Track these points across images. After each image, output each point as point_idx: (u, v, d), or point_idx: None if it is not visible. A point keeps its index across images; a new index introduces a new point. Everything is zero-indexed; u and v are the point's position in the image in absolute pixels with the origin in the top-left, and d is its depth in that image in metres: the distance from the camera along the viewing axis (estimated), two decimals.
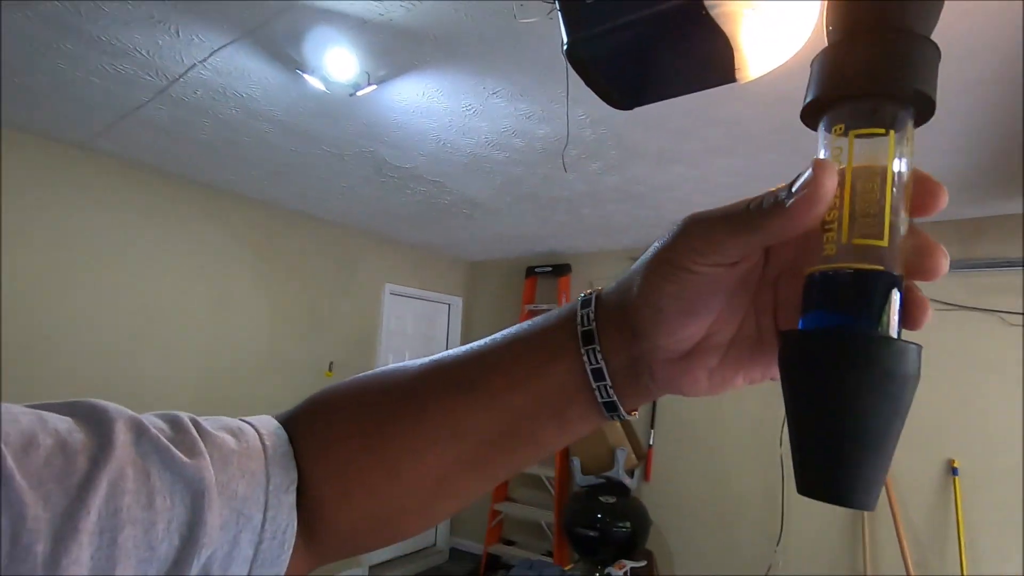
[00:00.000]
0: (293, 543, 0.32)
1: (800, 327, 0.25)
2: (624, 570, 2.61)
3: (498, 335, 0.35)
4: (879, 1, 0.23)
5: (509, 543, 4.09)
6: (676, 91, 0.94)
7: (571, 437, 0.33)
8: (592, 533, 3.14)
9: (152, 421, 0.29)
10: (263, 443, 0.33)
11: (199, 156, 2.55)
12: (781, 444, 3.19)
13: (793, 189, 0.24)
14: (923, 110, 0.24)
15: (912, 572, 2.69)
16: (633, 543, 3.16)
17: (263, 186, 2.94)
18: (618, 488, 3.35)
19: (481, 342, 0.35)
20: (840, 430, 0.22)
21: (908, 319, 0.23)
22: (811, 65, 0.25)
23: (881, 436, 0.22)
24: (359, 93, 1.81)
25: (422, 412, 0.33)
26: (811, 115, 0.26)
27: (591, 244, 3.89)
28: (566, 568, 3.30)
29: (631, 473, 3.46)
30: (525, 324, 0.34)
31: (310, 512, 0.33)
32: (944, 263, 0.24)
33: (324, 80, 1.74)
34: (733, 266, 0.27)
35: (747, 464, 3.31)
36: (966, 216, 2.84)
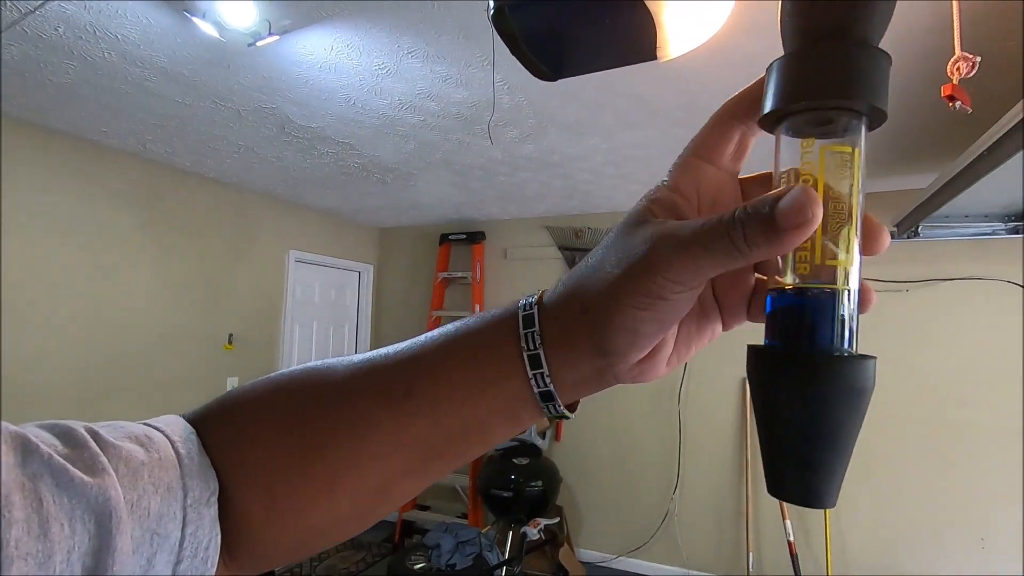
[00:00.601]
0: (217, 559, 0.29)
1: (768, 343, 0.26)
2: (539, 527, 2.74)
3: (435, 336, 0.32)
4: (844, 10, 0.24)
5: (424, 508, 4.14)
6: (600, 65, 0.95)
7: (523, 429, 0.33)
8: (506, 494, 3.25)
9: (40, 436, 0.26)
10: (176, 451, 0.30)
11: (62, 102, 2.23)
12: (679, 401, 3.45)
13: (777, 216, 0.22)
14: (876, 124, 0.25)
15: (785, 507, 3.05)
16: (545, 501, 3.32)
17: (145, 141, 2.64)
18: (531, 449, 3.48)
19: (417, 343, 0.32)
20: (811, 441, 0.24)
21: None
22: (768, 69, 0.25)
23: (847, 443, 0.24)
24: (259, 44, 1.65)
25: (358, 424, 0.31)
26: (772, 121, 0.26)
27: (505, 211, 3.90)
28: (482, 530, 3.40)
29: (543, 435, 3.60)
30: (462, 330, 0.32)
31: (233, 525, 0.30)
32: (887, 241, 0.26)
33: (218, 26, 1.57)
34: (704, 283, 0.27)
35: (648, 422, 3.55)
36: None
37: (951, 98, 0.94)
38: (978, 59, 0.88)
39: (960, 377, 2.89)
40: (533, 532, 2.68)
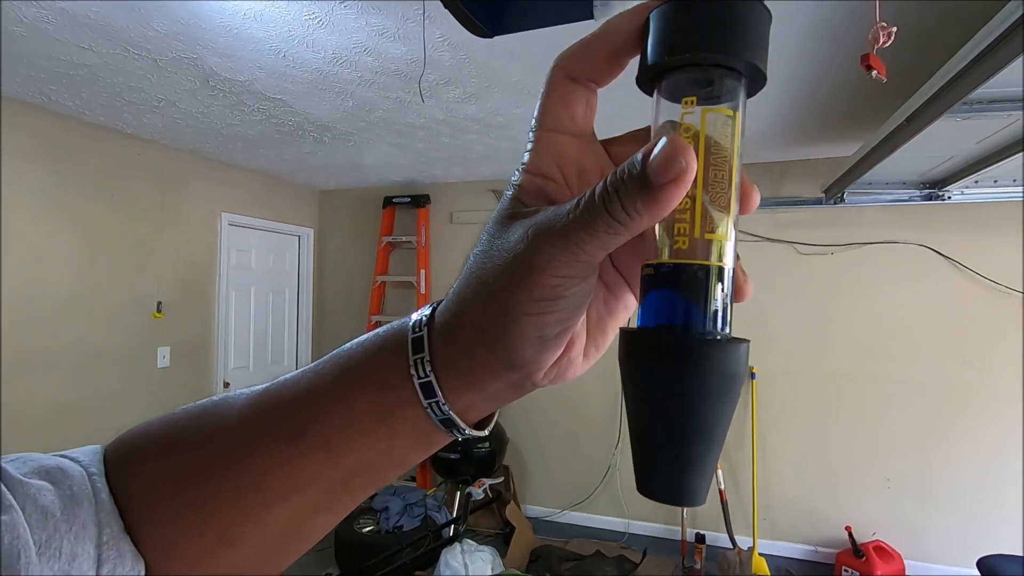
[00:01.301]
0: None
1: (640, 324, 0.24)
2: (483, 487, 2.80)
3: (331, 364, 0.29)
4: None
5: None
6: (536, 23, 0.92)
7: (437, 449, 0.30)
8: (454, 456, 3.30)
9: None
10: (93, 485, 0.28)
11: None
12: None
13: (649, 171, 0.20)
14: (756, 89, 0.23)
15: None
16: (492, 461, 3.39)
17: (50, 91, 2.39)
18: None
19: (315, 373, 0.29)
20: (681, 433, 0.22)
21: (735, 295, 0.24)
22: (648, 17, 0.23)
23: (718, 434, 0.22)
24: None
25: (250, 471, 0.28)
26: (650, 79, 0.24)
27: (450, 174, 3.82)
28: (428, 491, 3.46)
29: None
30: (355, 354, 0.29)
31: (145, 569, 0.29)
32: (757, 200, 0.24)
33: None
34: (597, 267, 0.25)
35: (591, 381, 3.66)
36: (774, 159, 3.26)
37: (868, 67, 0.97)
38: (894, 30, 0.91)
39: (877, 333, 3.11)
40: (478, 492, 2.74)
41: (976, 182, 2.48)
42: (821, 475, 3.19)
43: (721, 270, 0.23)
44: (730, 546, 3.13)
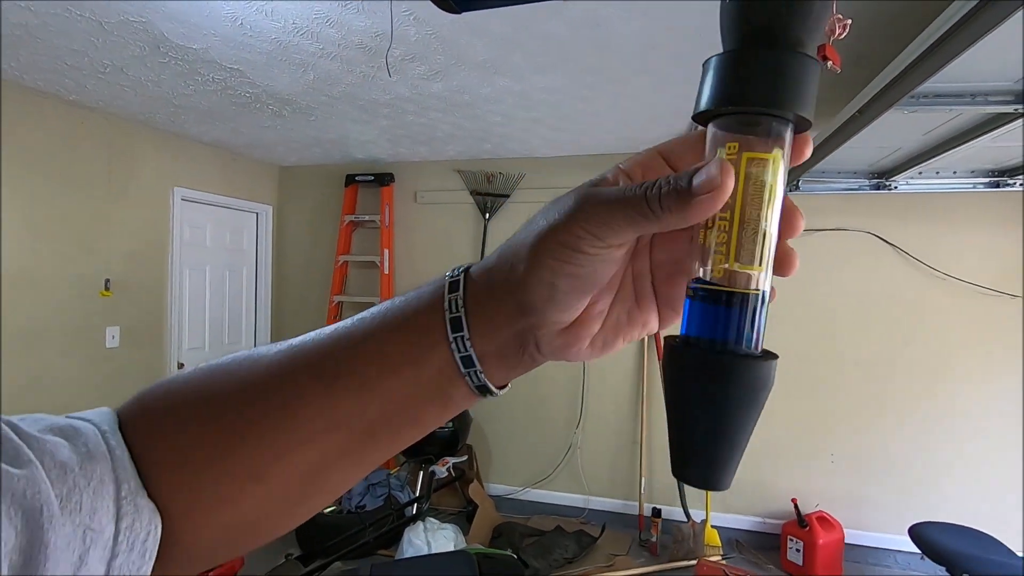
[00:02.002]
0: (156, 551, 0.28)
1: (684, 336, 0.27)
2: (447, 466, 2.83)
3: (363, 316, 0.32)
4: (776, 13, 0.24)
5: None
6: (506, 0, 0.91)
7: (453, 413, 0.33)
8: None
9: None
10: (107, 442, 0.29)
11: None
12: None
13: (694, 183, 0.24)
14: (802, 129, 0.26)
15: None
16: (456, 441, 3.41)
17: None
18: None
19: (344, 324, 0.32)
20: (715, 433, 0.26)
21: (779, 269, 0.27)
22: (704, 64, 0.26)
23: (745, 436, 0.26)
24: None
25: (286, 408, 0.30)
26: (703, 120, 0.27)
27: (415, 153, 3.77)
28: (392, 471, 3.46)
29: None
30: (394, 304, 0.32)
31: (161, 525, 0.29)
32: (802, 225, 0.27)
33: None
34: (623, 245, 0.27)
35: (556, 363, 3.71)
36: None
37: (824, 57, 1.01)
38: (849, 22, 0.95)
39: (825, 315, 3.26)
40: (441, 471, 2.77)
41: (920, 173, 2.60)
42: (770, 451, 3.34)
43: (759, 296, 0.26)
44: (684, 519, 3.27)
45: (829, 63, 1.04)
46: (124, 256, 3.13)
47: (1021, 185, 2.62)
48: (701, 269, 0.27)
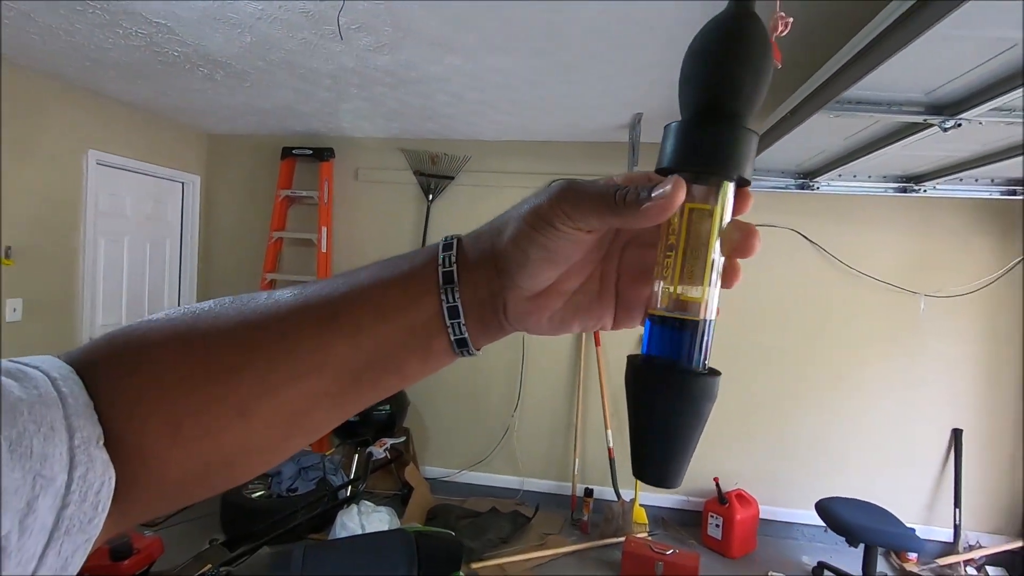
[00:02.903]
0: (109, 504, 0.28)
1: (646, 351, 0.32)
2: (384, 447, 2.80)
3: (360, 269, 0.35)
4: (725, 96, 0.29)
5: None
6: None
7: (432, 369, 0.35)
8: (353, 418, 3.24)
9: None
10: (57, 388, 0.28)
11: None
12: None
13: (653, 193, 0.29)
14: (741, 186, 0.32)
15: (607, 415, 3.48)
16: (392, 423, 3.38)
17: None
18: None
19: (341, 275, 0.34)
20: (669, 438, 0.31)
21: (724, 281, 0.32)
22: (666, 128, 0.31)
23: (693, 440, 0.31)
24: None
25: (282, 344, 0.31)
26: (664, 173, 0.32)
27: (358, 129, 3.65)
28: (326, 453, 3.38)
29: None
30: (388, 261, 0.35)
31: (128, 465, 0.29)
32: (758, 246, 0.31)
33: None
34: (591, 232, 0.32)
35: (494, 346, 3.74)
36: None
37: None
38: (791, 20, 1.00)
39: (749, 307, 3.45)
40: (379, 451, 2.74)
41: (840, 175, 2.80)
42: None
43: (707, 322, 0.31)
44: (615, 498, 3.40)
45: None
46: (29, 222, 2.86)
47: (926, 191, 2.87)
48: (657, 297, 0.32)
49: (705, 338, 0.31)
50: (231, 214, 4.04)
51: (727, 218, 0.31)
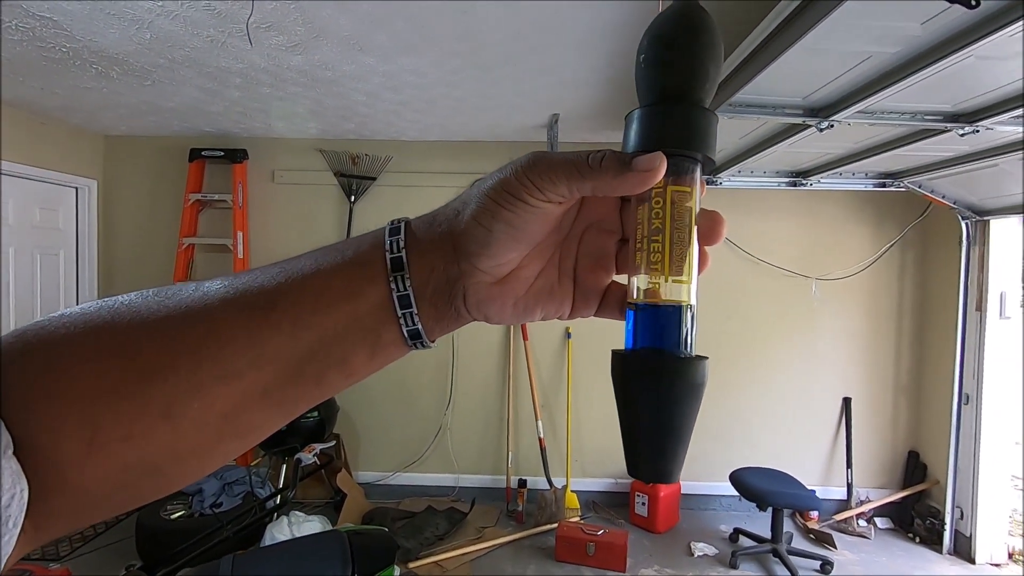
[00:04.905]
0: (22, 518, 0.25)
1: (630, 347, 0.31)
2: (313, 452, 2.74)
3: (298, 257, 0.32)
4: (688, 80, 0.30)
5: None
6: None
7: (381, 363, 0.32)
8: (280, 427, 3.14)
9: None
10: None
11: None
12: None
13: (635, 160, 0.29)
14: (708, 168, 0.32)
15: (538, 406, 3.59)
16: (322, 430, 3.30)
17: None
18: None
19: (277, 263, 0.31)
20: (661, 429, 0.30)
21: (708, 239, 0.31)
22: (628, 117, 0.31)
23: (688, 430, 0.30)
24: None
25: (209, 339, 0.28)
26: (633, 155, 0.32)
27: (272, 129, 3.53)
28: (251, 464, 3.26)
29: None
30: (329, 247, 0.32)
31: (42, 475, 0.26)
32: (724, 233, 0.31)
33: None
34: (560, 203, 0.30)
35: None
36: (594, 141, 3.60)
37: None
38: None
39: None
40: (308, 457, 2.68)
41: (739, 171, 3.04)
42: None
43: (689, 307, 0.31)
44: (547, 487, 3.50)
45: None
46: None
47: (812, 185, 3.17)
48: (638, 287, 0.31)
49: (694, 323, 0.31)
50: (134, 221, 3.78)
51: (699, 203, 0.31)
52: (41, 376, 0.27)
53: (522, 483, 3.52)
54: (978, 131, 1.97)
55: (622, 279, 0.35)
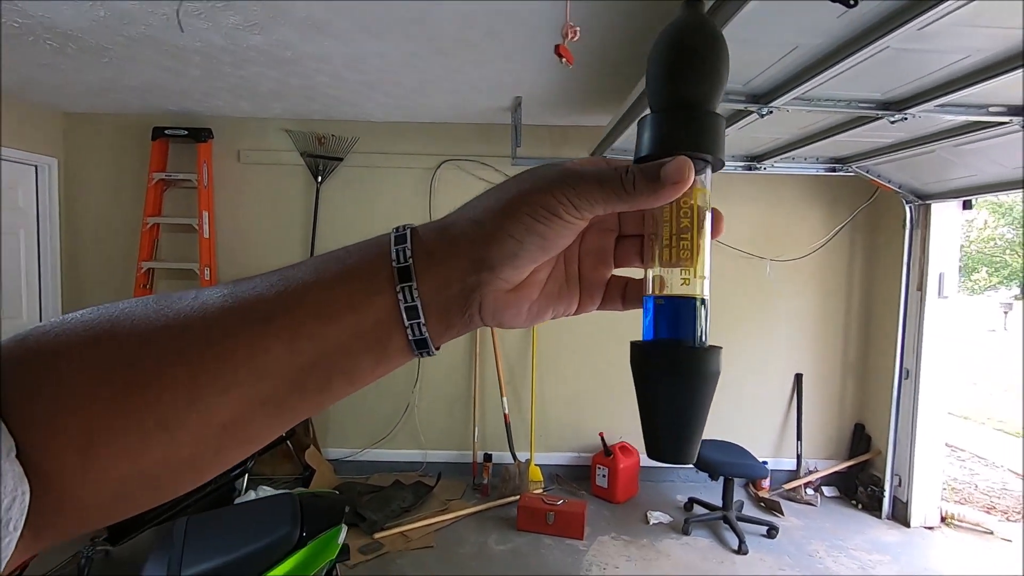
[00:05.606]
0: (23, 521, 0.25)
1: (651, 338, 0.34)
2: None
3: (300, 264, 0.31)
4: (700, 89, 0.32)
5: None
6: None
7: (386, 370, 0.32)
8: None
9: None
10: None
11: None
12: None
13: (663, 172, 0.29)
14: (718, 167, 0.34)
15: (503, 383, 3.69)
16: None
17: None
18: None
19: (279, 270, 0.31)
20: (680, 414, 0.32)
21: (713, 232, 0.34)
22: (640, 122, 0.33)
23: (704, 413, 0.32)
24: None
25: (204, 352, 0.28)
26: (651, 159, 0.33)
27: (237, 109, 3.51)
28: None
29: None
30: (331, 254, 0.32)
31: (39, 483, 0.26)
32: (722, 228, 0.33)
33: None
34: (589, 219, 0.31)
35: None
36: (555, 124, 3.66)
37: (559, 55, 1.23)
38: (579, 28, 1.17)
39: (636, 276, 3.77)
40: None
41: None
42: (584, 394, 3.83)
43: (704, 300, 0.33)
44: (512, 461, 3.62)
45: (563, 60, 1.27)
46: None
47: (767, 169, 3.29)
48: (663, 280, 0.33)
49: (705, 315, 0.33)
50: (97, 200, 3.75)
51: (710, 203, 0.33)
52: (39, 384, 0.27)
53: (487, 457, 3.63)
54: (907, 119, 2.08)
55: (619, 272, 0.38)
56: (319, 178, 3.70)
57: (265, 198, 3.76)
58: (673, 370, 0.32)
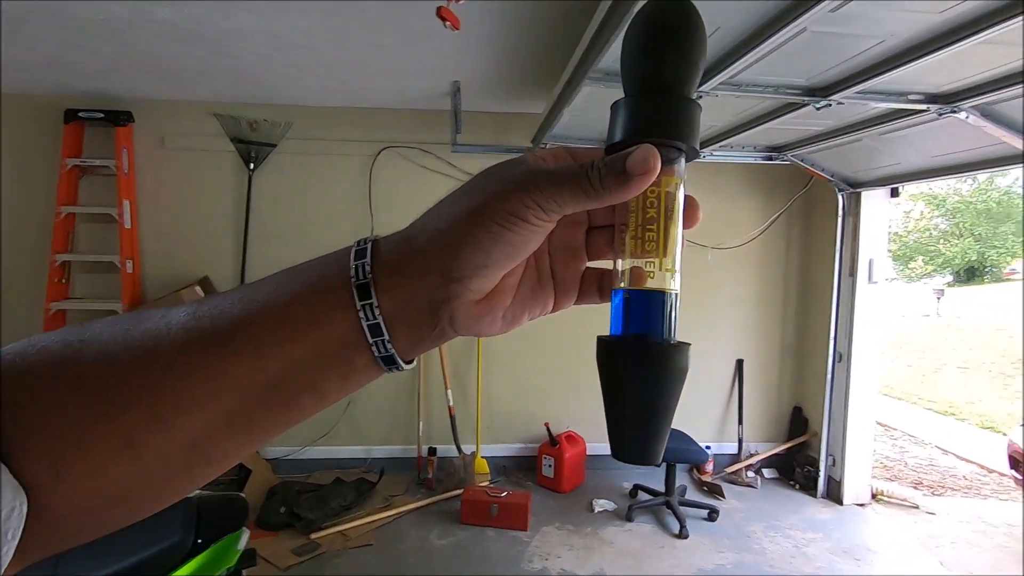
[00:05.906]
0: (21, 530, 0.25)
1: (618, 332, 0.32)
2: None
3: (262, 281, 0.31)
4: (673, 72, 0.30)
5: None
6: None
7: (357, 386, 0.32)
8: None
9: None
10: None
11: None
12: None
13: (629, 165, 0.27)
14: (692, 157, 0.32)
15: (447, 376, 3.63)
16: None
17: None
18: None
19: (242, 287, 0.31)
20: (646, 412, 0.30)
21: (687, 223, 0.32)
22: (614, 106, 0.31)
23: (671, 412, 0.30)
24: None
25: (166, 374, 0.28)
26: (618, 149, 0.30)
27: (159, 91, 3.30)
28: None
29: None
30: (293, 268, 0.31)
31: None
32: (699, 217, 0.32)
33: None
34: (556, 220, 0.30)
35: None
36: (500, 111, 3.60)
37: (443, 18, 1.17)
38: None
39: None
40: None
41: None
42: (529, 389, 3.80)
43: (673, 294, 0.31)
44: (457, 454, 3.57)
45: (447, 23, 1.21)
46: None
47: (711, 156, 3.31)
48: (629, 273, 0.31)
49: (676, 311, 0.31)
50: (3, 187, 3.46)
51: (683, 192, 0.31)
52: (12, 409, 0.27)
53: (432, 451, 3.56)
54: (831, 105, 2.11)
55: (594, 264, 0.36)
56: (251, 165, 3.53)
57: (193, 186, 3.56)
58: (639, 366, 0.30)
